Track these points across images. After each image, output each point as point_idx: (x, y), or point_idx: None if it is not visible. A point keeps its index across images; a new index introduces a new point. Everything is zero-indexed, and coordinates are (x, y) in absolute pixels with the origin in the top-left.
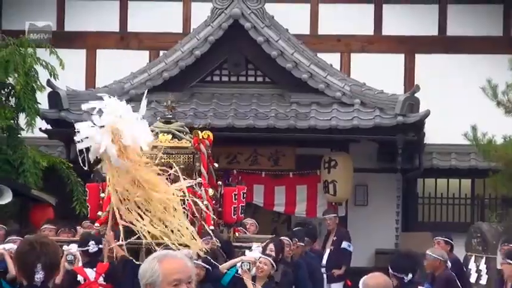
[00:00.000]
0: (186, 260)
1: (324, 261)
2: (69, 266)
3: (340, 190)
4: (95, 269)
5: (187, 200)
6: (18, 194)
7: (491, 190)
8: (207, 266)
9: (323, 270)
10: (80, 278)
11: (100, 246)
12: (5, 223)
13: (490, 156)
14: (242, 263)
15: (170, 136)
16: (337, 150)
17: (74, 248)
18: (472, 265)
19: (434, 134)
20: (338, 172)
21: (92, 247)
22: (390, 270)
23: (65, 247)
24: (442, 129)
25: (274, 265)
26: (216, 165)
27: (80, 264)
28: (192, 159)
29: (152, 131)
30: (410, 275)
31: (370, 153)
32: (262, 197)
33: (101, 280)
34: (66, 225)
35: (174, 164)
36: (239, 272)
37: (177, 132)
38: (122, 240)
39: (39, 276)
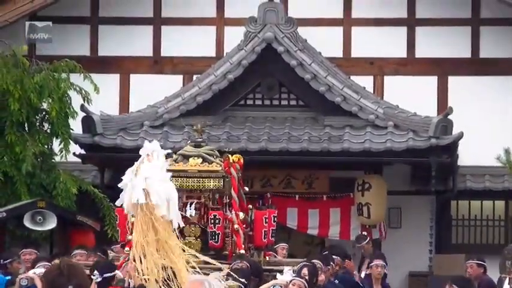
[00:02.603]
0: (196, 284)
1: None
2: None
3: (374, 213)
4: None
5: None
6: (62, 219)
7: None
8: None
9: None
10: None
11: (105, 275)
12: (37, 248)
13: None
14: (274, 286)
15: (200, 160)
16: (370, 173)
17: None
18: (506, 287)
19: (468, 156)
20: (372, 195)
21: (96, 277)
22: None
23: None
24: (476, 151)
25: None
26: (247, 189)
27: None
28: (222, 183)
29: (182, 154)
30: None
31: (403, 175)
32: (296, 220)
33: None
34: (96, 249)
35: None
36: None
37: (207, 156)
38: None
39: None
